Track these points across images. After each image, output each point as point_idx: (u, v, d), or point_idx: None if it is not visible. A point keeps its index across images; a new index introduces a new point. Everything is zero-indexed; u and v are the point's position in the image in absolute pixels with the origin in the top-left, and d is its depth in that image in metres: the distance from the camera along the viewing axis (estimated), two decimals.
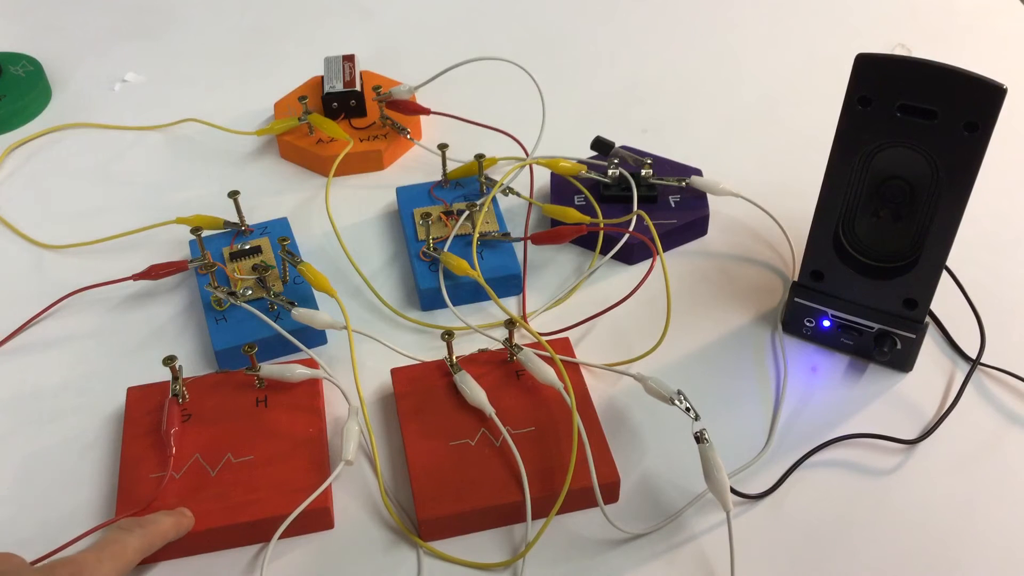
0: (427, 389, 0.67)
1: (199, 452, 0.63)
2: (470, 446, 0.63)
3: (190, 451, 0.63)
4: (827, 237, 0.67)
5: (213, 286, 0.73)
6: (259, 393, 0.67)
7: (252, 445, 0.63)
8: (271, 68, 1.03)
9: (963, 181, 0.60)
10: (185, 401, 0.66)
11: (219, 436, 0.64)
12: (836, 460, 0.65)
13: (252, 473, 0.62)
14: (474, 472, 0.62)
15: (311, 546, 0.61)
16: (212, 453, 0.63)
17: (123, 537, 0.55)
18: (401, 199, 0.83)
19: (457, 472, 0.62)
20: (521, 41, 1.05)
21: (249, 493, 0.61)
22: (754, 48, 1.05)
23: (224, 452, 0.63)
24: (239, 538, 0.60)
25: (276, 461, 0.63)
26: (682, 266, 0.79)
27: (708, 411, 0.66)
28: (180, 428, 0.64)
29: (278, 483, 0.61)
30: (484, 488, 0.61)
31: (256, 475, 0.62)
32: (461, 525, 0.61)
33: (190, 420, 0.65)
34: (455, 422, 0.64)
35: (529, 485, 0.60)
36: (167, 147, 0.93)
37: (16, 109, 0.96)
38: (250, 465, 0.62)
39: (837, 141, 0.64)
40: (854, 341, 0.70)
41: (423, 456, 0.62)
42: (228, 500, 0.60)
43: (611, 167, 0.81)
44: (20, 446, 0.67)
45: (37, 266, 0.81)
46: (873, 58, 0.59)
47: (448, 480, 0.61)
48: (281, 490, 0.61)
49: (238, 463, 0.62)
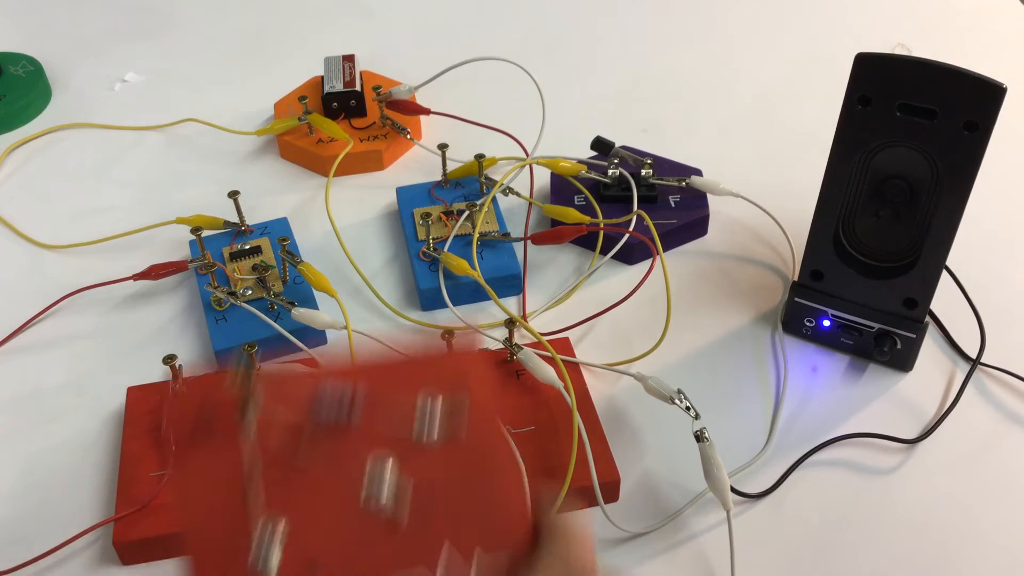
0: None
1: None
2: None
3: None
4: (827, 237, 0.67)
5: (213, 286, 0.73)
6: None
7: None
8: (271, 68, 1.03)
9: (963, 181, 0.60)
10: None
11: None
12: (836, 460, 0.65)
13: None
14: None
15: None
16: None
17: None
18: (401, 199, 0.83)
19: None
20: (521, 41, 1.05)
21: None
22: (754, 48, 1.05)
23: None
24: None
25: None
26: (682, 266, 0.79)
27: (708, 410, 0.66)
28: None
29: None
30: None
31: None
32: None
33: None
34: None
35: (529, 484, 0.60)
36: (167, 147, 0.93)
37: (16, 109, 0.96)
38: None
39: (837, 141, 0.64)
40: (854, 341, 0.70)
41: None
42: None
43: (611, 167, 0.81)
44: (20, 446, 0.67)
45: (37, 266, 0.81)
46: (873, 58, 0.59)
47: None
48: None
49: None
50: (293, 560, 0.36)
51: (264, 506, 0.36)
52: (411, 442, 0.39)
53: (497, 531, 0.39)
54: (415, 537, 0.37)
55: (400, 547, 0.37)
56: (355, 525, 0.37)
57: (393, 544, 0.37)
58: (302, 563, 0.36)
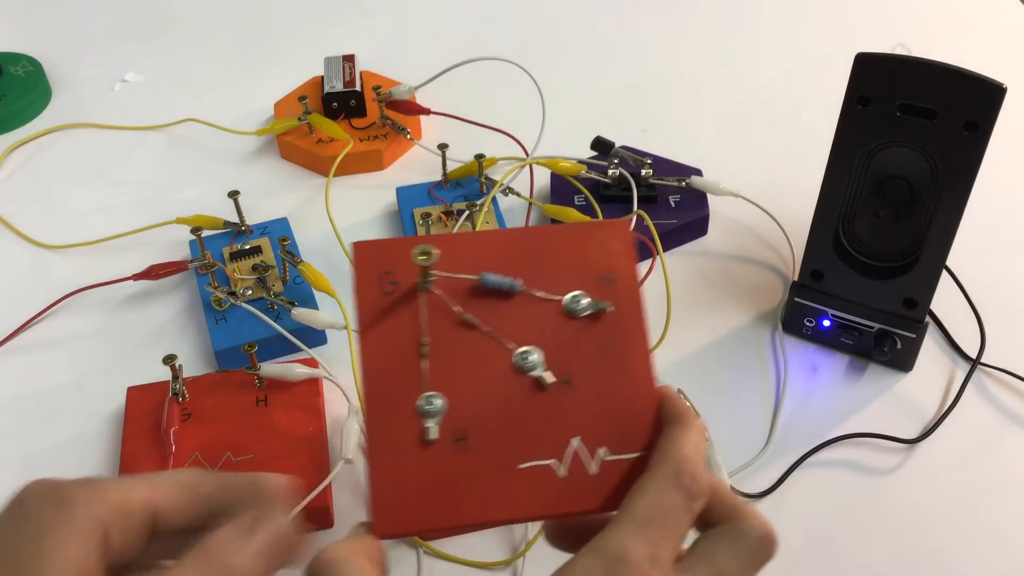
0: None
1: (199, 451, 0.63)
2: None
3: (190, 450, 0.63)
4: (827, 237, 0.67)
5: (213, 286, 0.73)
6: (259, 392, 0.67)
7: (252, 444, 0.64)
8: (271, 68, 1.03)
9: (963, 180, 0.60)
10: (185, 400, 0.66)
11: (219, 435, 0.64)
12: (836, 460, 0.65)
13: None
14: None
15: (310, 545, 0.61)
16: (212, 452, 0.63)
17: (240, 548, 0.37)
18: (401, 199, 0.83)
19: None
20: (521, 41, 1.05)
21: None
22: (754, 48, 1.05)
23: (224, 451, 0.63)
24: None
25: (276, 460, 0.63)
26: (682, 266, 0.79)
27: (708, 410, 0.66)
28: (180, 427, 0.64)
29: None
30: None
31: None
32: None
33: (190, 419, 0.65)
34: None
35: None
36: (167, 147, 0.93)
37: (16, 109, 0.96)
38: (250, 464, 0.62)
39: (837, 141, 0.64)
40: (854, 341, 0.70)
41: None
42: None
43: (611, 167, 0.81)
44: (20, 446, 0.67)
45: (37, 266, 0.81)
46: (873, 58, 0.59)
47: None
48: None
49: (238, 462, 0.62)
50: (447, 424, 0.40)
51: (430, 367, 0.41)
52: (562, 313, 0.42)
53: (625, 405, 0.41)
54: (555, 410, 0.40)
55: (540, 421, 0.40)
56: (503, 390, 0.41)
57: (535, 416, 0.40)
58: (456, 421, 0.40)
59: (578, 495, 0.39)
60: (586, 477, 0.39)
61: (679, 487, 0.38)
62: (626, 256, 0.43)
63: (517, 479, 0.39)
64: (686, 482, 0.38)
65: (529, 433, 0.40)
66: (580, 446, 0.39)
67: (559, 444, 0.40)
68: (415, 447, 0.40)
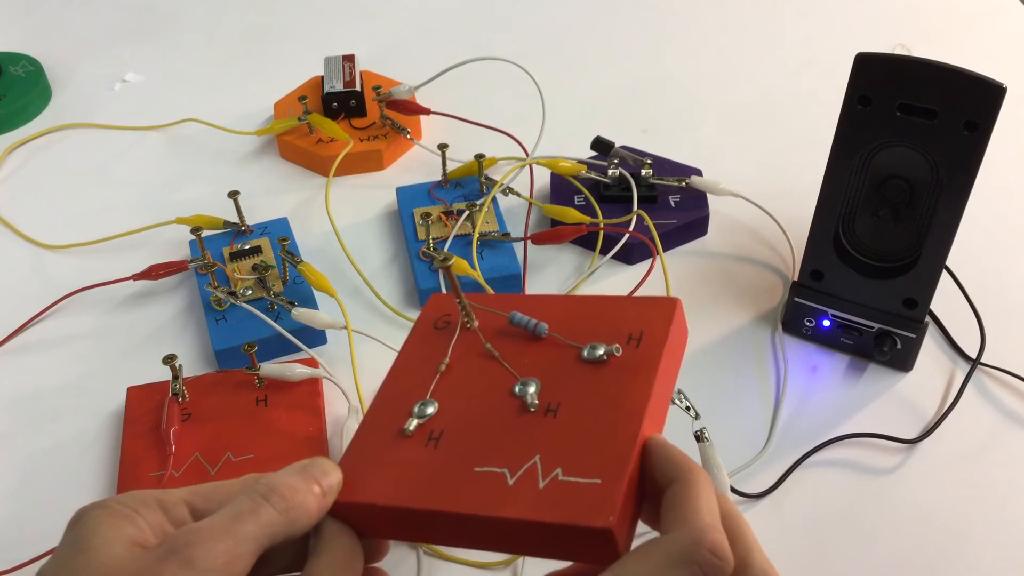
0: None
1: (199, 451, 0.63)
2: None
3: (190, 450, 0.63)
4: (827, 237, 0.67)
5: (213, 286, 0.73)
6: (259, 392, 0.67)
7: (252, 444, 0.64)
8: (271, 68, 1.03)
9: (963, 180, 0.60)
10: (185, 400, 0.66)
11: (219, 435, 0.64)
12: (836, 460, 0.65)
13: (252, 472, 0.62)
14: None
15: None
16: (212, 452, 0.63)
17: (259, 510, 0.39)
18: (401, 199, 0.83)
19: None
20: (521, 41, 1.05)
21: None
22: (754, 48, 1.05)
23: (224, 451, 0.63)
24: None
25: (276, 460, 0.62)
26: (682, 266, 0.79)
27: (708, 410, 0.66)
28: (180, 427, 0.64)
29: None
30: None
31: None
32: None
33: (190, 419, 0.65)
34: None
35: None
36: (167, 147, 0.93)
37: (16, 109, 0.96)
38: (250, 464, 0.62)
39: (837, 141, 0.64)
40: (854, 341, 0.70)
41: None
42: None
43: (611, 167, 0.81)
44: (20, 446, 0.67)
45: (37, 266, 0.81)
46: (873, 58, 0.59)
47: None
48: None
49: (238, 461, 0.62)
50: (429, 425, 0.44)
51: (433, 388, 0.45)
52: (579, 359, 0.44)
53: (599, 440, 0.41)
54: (530, 431, 0.42)
55: (511, 436, 0.42)
56: (491, 408, 0.43)
57: (509, 431, 0.42)
58: (438, 424, 0.44)
59: (515, 503, 0.39)
60: (532, 490, 0.39)
61: (691, 563, 0.33)
62: (663, 323, 0.44)
63: (469, 478, 0.40)
64: (705, 556, 0.33)
65: (496, 443, 0.42)
66: (538, 463, 0.40)
67: (520, 458, 0.40)
68: (392, 436, 0.44)
